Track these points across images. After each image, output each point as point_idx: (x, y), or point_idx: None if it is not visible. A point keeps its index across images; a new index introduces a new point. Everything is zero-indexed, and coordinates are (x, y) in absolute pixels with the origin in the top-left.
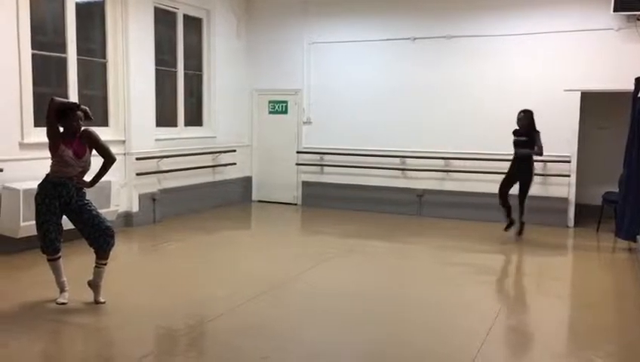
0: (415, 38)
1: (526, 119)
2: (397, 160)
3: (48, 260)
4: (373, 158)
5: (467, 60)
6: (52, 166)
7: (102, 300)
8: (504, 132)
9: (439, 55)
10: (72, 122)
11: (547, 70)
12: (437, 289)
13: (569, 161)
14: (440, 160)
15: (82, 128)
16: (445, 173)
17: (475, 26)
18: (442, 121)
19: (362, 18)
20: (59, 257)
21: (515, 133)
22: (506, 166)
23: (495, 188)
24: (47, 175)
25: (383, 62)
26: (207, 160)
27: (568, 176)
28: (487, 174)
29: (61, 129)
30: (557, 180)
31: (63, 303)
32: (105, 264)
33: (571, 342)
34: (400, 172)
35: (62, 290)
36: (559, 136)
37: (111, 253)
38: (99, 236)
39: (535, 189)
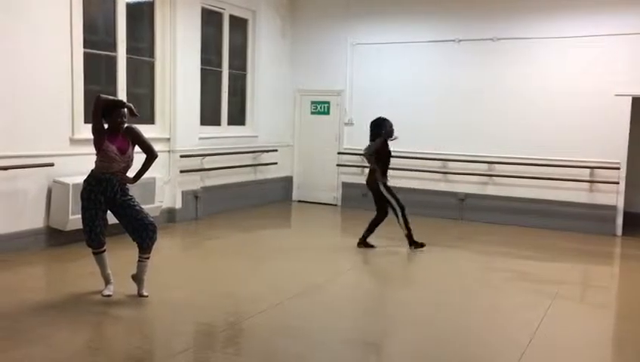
0: (460, 40)
1: (392, 128)
2: (439, 163)
3: (93, 253)
4: (414, 161)
5: (513, 63)
6: (96, 161)
7: (145, 294)
8: (550, 137)
9: (484, 57)
10: (116, 119)
11: (597, 74)
12: (478, 295)
13: (618, 168)
14: (483, 163)
15: (126, 125)
16: (488, 178)
17: (522, 28)
18: (486, 125)
19: (406, 19)
20: (104, 250)
21: (388, 140)
22: (552, 172)
23: (540, 194)
24: (92, 170)
25: (426, 63)
26: (248, 159)
27: (617, 183)
28: (531, 179)
29: (105, 125)
30: (605, 187)
31: (108, 295)
32: (147, 258)
33: (615, 353)
34: (442, 175)
35: (107, 283)
36: (608, 142)
37: (154, 247)
38: (142, 231)
39: (582, 196)
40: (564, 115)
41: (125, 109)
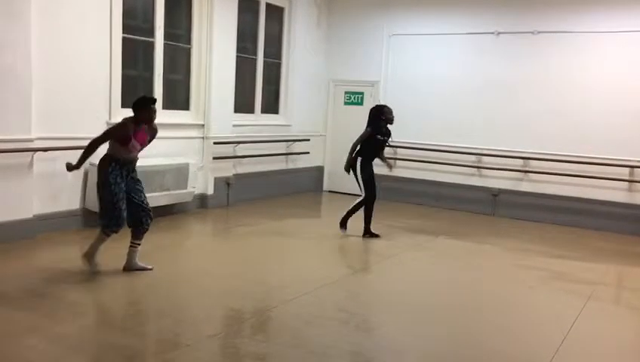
0: (499, 33)
1: (392, 115)
2: (473, 157)
3: (107, 234)
4: (448, 154)
5: (554, 57)
6: (116, 149)
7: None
8: (589, 133)
9: (524, 51)
10: (150, 114)
11: None
12: (511, 292)
13: None
14: (518, 159)
15: (155, 126)
16: (523, 173)
17: (564, 21)
18: (523, 120)
19: (444, 10)
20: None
21: (381, 132)
22: (590, 170)
23: (577, 192)
24: (113, 155)
25: (464, 56)
26: (281, 147)
27: None
28: (567, 177)
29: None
30: None
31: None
32: (139, 244)
33: None
34: (475, 170)
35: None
36: None
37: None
38: (139, 214)
39: (621, 196)
40: (604, 112)
41: (155, 105)
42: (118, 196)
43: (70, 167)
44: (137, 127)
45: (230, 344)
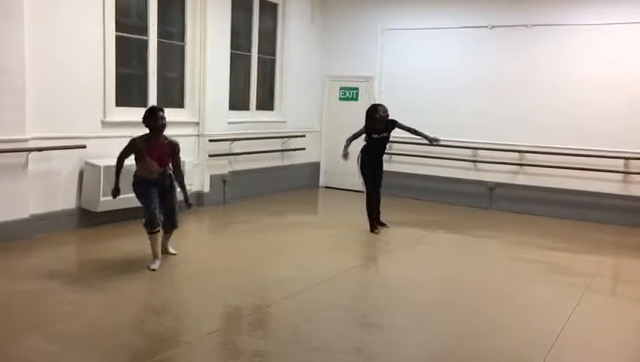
0: (493, 26)
1: (386, 113)
2: (468, 151)
3: (149, 233)
4: (443, 149)
5: (548, 50)
6: (139, 170)
7: (173, 251)
8: (584, 126)
9: (518, 44)
10: (157, 121)
11: (635, 63)
12: (507, 285)
13: None
14: (514, 152)
15: (174, 141)
16: (519, 167)
17: (558, 14)
18: (518, 113)
19: (438, 4)
20: (157, 231)
21: (375, 130)
22: (585, 162)
23: (573, 185)
24: (137, 174)
25: (458, 50)
26: (276, 144)
27: None
28: (563, 169)
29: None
30: None
31: (153, 269)
32: (168, 237)
33: None
34: (471, 163)
35: (155, 258)
36: None
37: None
38: (169, 219)
39: (616, 187)
40: (598, 105)
41: (162, 112)
42: (148, 201)
43: (114, 194)
44: (152, 143)
45: (229, 341)
